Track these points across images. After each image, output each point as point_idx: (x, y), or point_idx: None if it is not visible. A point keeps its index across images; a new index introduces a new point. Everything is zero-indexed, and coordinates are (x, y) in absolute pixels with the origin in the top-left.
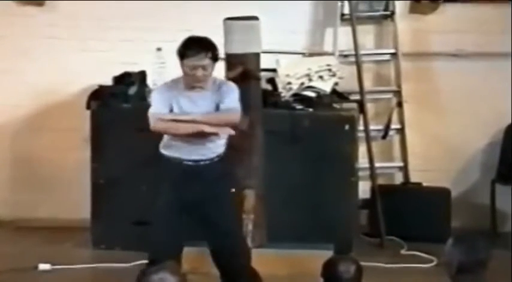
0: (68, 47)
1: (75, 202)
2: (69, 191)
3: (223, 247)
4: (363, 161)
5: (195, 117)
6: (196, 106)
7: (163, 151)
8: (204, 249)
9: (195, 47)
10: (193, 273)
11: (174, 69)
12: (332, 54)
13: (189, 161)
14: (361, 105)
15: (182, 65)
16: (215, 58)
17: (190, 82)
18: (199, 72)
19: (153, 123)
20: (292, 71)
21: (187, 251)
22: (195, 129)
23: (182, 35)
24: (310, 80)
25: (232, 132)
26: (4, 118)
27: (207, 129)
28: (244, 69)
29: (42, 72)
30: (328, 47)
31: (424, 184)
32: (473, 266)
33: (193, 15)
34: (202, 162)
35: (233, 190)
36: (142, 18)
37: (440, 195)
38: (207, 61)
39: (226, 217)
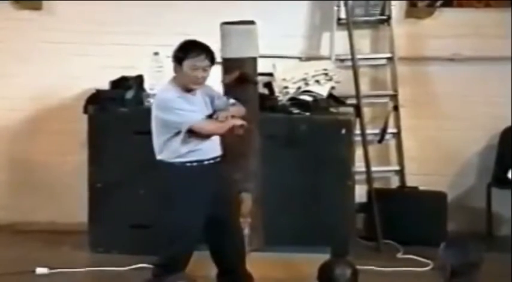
0: (65, 51)
1: (73, 206)
2: (67, 195)
3: (233, 243)
4: (359, 165)
5: (230, 113)
6: (194, 107)
7: (179, 160)
8: (202, 252)
9: (197, 49)
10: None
11: (171, 73)
12: (328, 58)
13: (210, 159)
14: (357, 109)
15: (181, 67)
16: (213, 61)
17: (190, 84)
18: (201, 74)
19: (204, 128)
20: (289, 75)
21: None
22: (231, 124)
23: (179, 39)
24: (306, 84)
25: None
26: (1, 122)
27: (239, 122)
28: (241, 74)
29: (39, 76)
30: (324, 51)
31: (421, 188)
32: (466, 268)
33: (190, 20)
34: (217, 159)
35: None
36: (139, 22)
37: (437, 198)
38: (207, 63)
39: (235, 214)
